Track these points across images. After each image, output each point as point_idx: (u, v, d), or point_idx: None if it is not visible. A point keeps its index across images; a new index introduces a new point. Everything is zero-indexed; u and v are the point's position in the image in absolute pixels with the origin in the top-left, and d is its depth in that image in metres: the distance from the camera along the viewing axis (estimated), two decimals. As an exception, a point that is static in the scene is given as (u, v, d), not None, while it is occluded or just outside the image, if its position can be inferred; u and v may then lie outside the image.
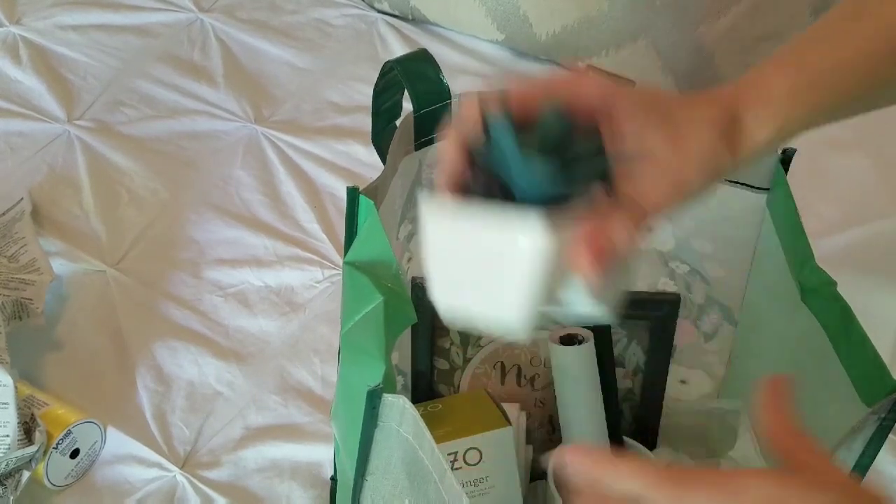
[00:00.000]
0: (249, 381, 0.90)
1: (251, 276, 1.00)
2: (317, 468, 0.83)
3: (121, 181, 1.10)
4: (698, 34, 1.14)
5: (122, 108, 1.19)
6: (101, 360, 0.92)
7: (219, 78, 1.24)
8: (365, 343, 0.51)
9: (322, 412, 0.87)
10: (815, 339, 0.59)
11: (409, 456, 0.50)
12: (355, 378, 0.52)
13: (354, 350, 0.53)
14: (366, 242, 0.55)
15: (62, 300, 0.96)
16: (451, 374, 0.76)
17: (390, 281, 0.53)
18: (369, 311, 0.51)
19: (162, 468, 0.83)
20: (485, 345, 0.75)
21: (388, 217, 0.65)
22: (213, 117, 1.18)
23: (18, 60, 1.25)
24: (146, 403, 0.88)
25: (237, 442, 0.85)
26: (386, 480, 0.53)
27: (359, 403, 0.50)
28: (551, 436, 0.78)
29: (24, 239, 0.99)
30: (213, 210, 1.07)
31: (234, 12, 1.34)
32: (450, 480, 0.48)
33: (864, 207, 1.08)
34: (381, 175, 0.62)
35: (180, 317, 0.96)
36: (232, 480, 0.83)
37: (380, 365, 0.49)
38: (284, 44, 1.29)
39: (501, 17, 1.23)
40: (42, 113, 1.18)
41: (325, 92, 1.22)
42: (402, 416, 0.49)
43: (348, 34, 1.32)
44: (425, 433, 0.48)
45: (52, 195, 1.08)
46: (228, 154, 1.13)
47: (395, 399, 0.49)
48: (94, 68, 1.25)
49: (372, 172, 1.09)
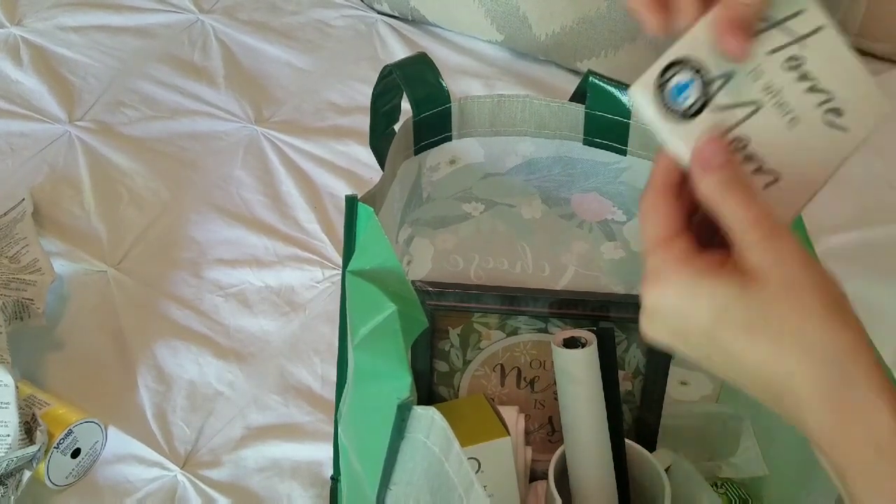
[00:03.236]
0: (250, 381, 0.91)
1: (251, 276, 1.00)
2: (317, 467, 0.84)
3: (121, 181, 1.10)
4: (697, 35, 1.14)
5: (122, 108, 1.20)
6: (101, 359, 0.92)
7: (219, 79, 1.24)
8: (384, 355, 0.51)
9: (322, 412, 0.88)
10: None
11: (434, 469, 0.50)
12: (374, 389, 0.52)
13: (372, 361, 0.53)
14: (368, 250, 0.55)
15: (63, 300, 0.97)
16: (451, 377, 0.77)
17: (398, 287, 0.53)
18: (382, 322, 0.51)
19: (163, 468, 0.84)
20: (484, 347, 0.75)
21: (387, 221, 0.65)
22: (214, 118, 1.19)
23: (19, 61, 1.26)
24: (147, 403, 0.89)
25: (238, 441, 0.86)
26: (409, 492, 0.53)
27: (381, 414, 0.50)
28: (551, 437, 0.79)
29: (26, 239, 0.99)
30: (213, 210, 1.07)
31: (234, 13, 1.35)
32: (476, 494, 0.48)
33: (877, 207, 1.08)
34: (380, 181, 0.62)
35: (181, 317, 0.96)
36: (232, 480, 0.83)
37: (406, 377, 0.49)
38: (284, 44, 1.30)
39: (501, 17, 1.23)
40: (43, 114, 1.19)
41: (325, 92, 1.23)
42: (431, 428, 0.49)
43: (348, 35, 1.32)
44: (453, 444, 0.48)
45: (53, 196, 1.08)
46: (229, 154, 1.14)
47: (425, 411, 0.48)
48: (95, 69, 1.25)
49: (371, 173, 1.10)
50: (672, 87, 0.45)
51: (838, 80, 0.46)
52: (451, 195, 0.73)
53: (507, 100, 0.67)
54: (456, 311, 0.74)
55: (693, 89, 0.45)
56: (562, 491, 0.69)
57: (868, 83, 0.47)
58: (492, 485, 0.68)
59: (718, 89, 0.45)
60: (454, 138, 0.68)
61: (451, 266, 0.78)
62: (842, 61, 0.47)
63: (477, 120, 0.67)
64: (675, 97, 0.45)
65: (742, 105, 0.45)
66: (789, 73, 0.46)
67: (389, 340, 0.50)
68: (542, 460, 0.75)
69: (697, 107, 0.45)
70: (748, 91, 0.45)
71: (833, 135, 0.46)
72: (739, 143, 0.45)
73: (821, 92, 0.46)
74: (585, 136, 0.68)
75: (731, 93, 0.45)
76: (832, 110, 0.46)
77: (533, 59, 1.27)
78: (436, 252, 0.77)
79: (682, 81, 0.45)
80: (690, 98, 0.45)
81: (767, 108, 0.45)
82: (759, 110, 0.45)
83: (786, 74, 0.46)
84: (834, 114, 0.46)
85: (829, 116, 0.46)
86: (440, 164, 0.70)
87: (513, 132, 0.69)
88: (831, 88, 0.46)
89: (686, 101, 0.45)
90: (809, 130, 0.46)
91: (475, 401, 0.74)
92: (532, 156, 0.70)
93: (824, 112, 0.46)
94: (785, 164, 0.45)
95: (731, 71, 0.45)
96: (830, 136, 0.46)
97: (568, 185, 0.73)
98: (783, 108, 0.46)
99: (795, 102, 0.46)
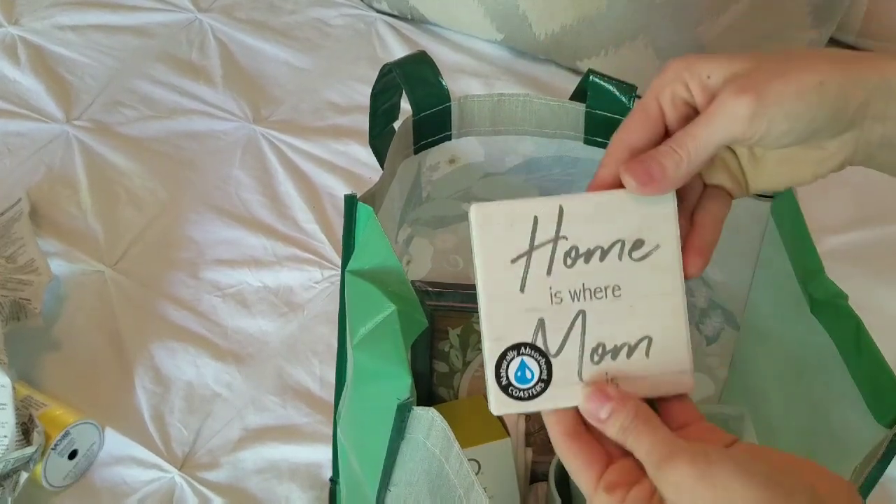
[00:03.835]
0: (248, 382, 0.90)
1: (250, 277, 1.00)
2: (315, 469, 0.83)
3: (119, 181, 1.10)
4: (697, 33, 1.14)
5: (120, 108, 1.19)
6: (99, 360, 0.92)
7: (217, 78, 1.24)
8: (383, 354, 0.50)
9: (321, 413, 0.87)
10: (823, 350, 0.58)
11: (434, 470, 0.50)
12: (374, 389, 0.51)
13: (371, 361, 0.52)
14: (368, 250, 0.55)
15: (60, 300, 0.96)
16: (451, 377, 0.76)
17: (398, 287, 0.53)
18: (382, 321, 0.51)
19: (160, 469, 0.83)
20: (484, 347, 0.75)
21: (386, 221, 0.65)
22: (212, 117, 1.18)
23: (17, 61, 1.25)
24: (144, 404, 0.88)
25: (236, 443, 0.86)
26: (408, 493, 0.53)
27: (381, 415, 0.49)
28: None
29: (23, 239, 0.98)
30: (211, 210, 1.07)
31: (232, 12, 1.34)
32: (476, 495, 0.47)
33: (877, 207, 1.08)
34: (380, 180, 0.62)
35: (179, 317, 0.96)
36: (231, 481, 0.83)
37: (405, 377, 0.48)
38: (283, 44, 1.29)
39: (500, 16, 1.23)
40: (40, 113, 1.18)
41: (323, 92, 1.22)
42: (431, 429, 0.49)
43: (347, 34, 1.32)
44: (453, 445, 0.48)
45: (51, 195, 1.08)
46: (227, 154, 1.13)
47: (425, 412, 0.48)
48: (93, 68, 1.25)
49: (370, 172, 1.10)
50: (513, 376, 0.46)
51: (614, 226, 0.46)
52: (450, 194, 0.73)
53: (507, 99, 0.66)
54: (456, 311, 0.74)
55: (529, 365, 0.46)
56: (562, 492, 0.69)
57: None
58: (492, 486, 0.68)
59: (544, 340, 0.46)
60: (454, 137, 0.68)
61: (450, 266, 0.77)
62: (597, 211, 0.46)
63: (477, 119, 0.67)
64: (521, 381, 0.46)
65: (569, 326, 0.46)
66: (572, 268, 0.46)
67: (389, 340, 0.50)
68: (543, 462, 0.75)
69: (545, 372, 0.46)
70: (564, 315, 0.46)
71: (651, 261, 0.46)
72: (599, 349, 0.46)
73: (612, 244, 0.46)
74: (586, 135, 0.67)
75: (553, 329, 0.46)
76: (633, 246, 0.46)
77: (533, 59, 1.27)
78: (435, 252, 0.77)
79: (516, 366, 0.46)
80: (534, 372, 0.46)
81: (589, 303, 0.46)
82: (585, 313, 0.46)
83: (571, 270, 0.46)
84: (636, 247, 0.46)
85: (635, 252, 0.46)
86: (440, 163, 0.69)
87: (513, 131, 0.68)
88: (616, 238, 0.46)
89: (532, 378, 0.46)
90: (632, 279, 0.46)
91: (475, 401, 0.73)
92: (532, 155, 0.70)
93: (628, 254, 0.46)
94: (646, 325, 0.46)
95: (540, 319, 0.46)
96: (651, 266, 0.46)
97: (568, 184, 0.72)
98: (599, 293, 0.46)
99: (602, 277, 0.46)
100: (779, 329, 0.67)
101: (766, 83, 0.43)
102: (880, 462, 0.53)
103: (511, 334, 0.45)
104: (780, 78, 0.43)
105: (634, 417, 0.43)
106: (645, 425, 0.42)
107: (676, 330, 0.46)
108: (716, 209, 0.49)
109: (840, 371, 0.56)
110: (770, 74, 0.43)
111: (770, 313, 0.70)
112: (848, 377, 0.56)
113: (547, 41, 1.21)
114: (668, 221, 0.46)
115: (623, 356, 0.46)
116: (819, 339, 0.59)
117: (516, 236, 0.45)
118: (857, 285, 0.61)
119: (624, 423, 0.43)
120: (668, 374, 0.46)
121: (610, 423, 0.43)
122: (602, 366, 0.46)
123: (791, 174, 0.47)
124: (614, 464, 0.43)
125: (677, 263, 0.46)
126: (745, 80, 0.43)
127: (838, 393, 0.56)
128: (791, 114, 0.43)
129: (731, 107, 0.43)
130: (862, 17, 1.26)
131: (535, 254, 0.45)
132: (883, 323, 0.62)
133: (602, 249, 0.46)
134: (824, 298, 0.60)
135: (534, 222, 0.45)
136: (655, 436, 0.42)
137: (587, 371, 0.46)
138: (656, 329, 0.46)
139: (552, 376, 0.45)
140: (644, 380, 0.46)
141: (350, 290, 0.56)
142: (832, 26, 1.21)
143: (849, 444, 0.55)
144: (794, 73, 0.43)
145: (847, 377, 0.56)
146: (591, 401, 0.44)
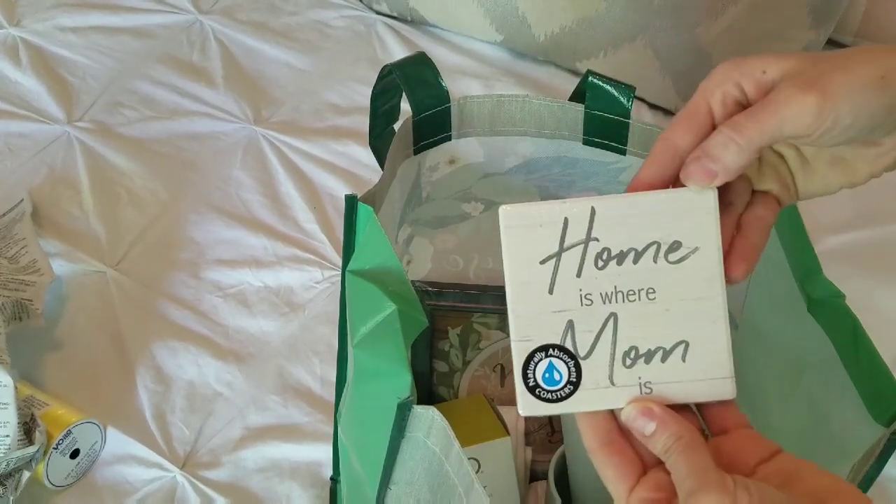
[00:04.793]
0: (249, 382, 0.90)
1: (250, 277, 1.00)
2: (316, 468, 0.84)
3: (120, 182, 1.10)
4: (696, 34, 1.15)
5: (121, 109, 1.20)
6: (100, 360, 0.92)
7: (218, 79, 1.24)
8: (383, 354, 0.50)
9: (321, 412, 0.88)
10: (821, 350, 0.58)
11: (434, 468, 0.50)
12: (374, 388, 0.52)
13: (372, 360, 0.53)
14: (368, 249, 0.55)
15: (62, 301, 0.97)
16: (451, 377, 0.77)
17: (398, 287, 0.53)
18: (382, 321, 0.51)
19: (162, 468, 0.84)
20: (484, 347, 0.75)
21: (386, 222, 0.65)
22: (213, 118, 1.19)
23: (18, 62, 1.25)
24: (146, 404, 0.88)
25: (237, 442, 0.86)
26: (409, 491, 0.53)
27: (381, 413, 0.50)
28: (551, 437, 0.79)
29: (25, 240, 0.99)
30: (212, 211, 1.07)
31: (233, 14, 1.35)
32: (476, 494, 0.48)
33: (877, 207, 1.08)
34: (380, 181, 0.62)
35: (180, 317, 0.96)
36: (232, 480, 0.83)
37: (406, 376, 0.48)
38: (283, 45, 1.29)
39: (500, 18, 1.23)
40: (42, 114, 1.18)
41: (324, 93, 1.22)
42: (431, 428, 0.49)
43: (347, 35, 1.32)
44: (453, 444, 0.48)
45: (52, 196, 1.08)
46: (228, 155, 1.14)
47: (425, 410, 0.48)
48: (94, 70, 1.25)
49: (371, 173, 1.10)
50: (541, 378, 0.45)
51: (649, 228, 0.45)
52: (450, 195, 0.73)
53: (507, 100, 0.67)
54: (455, 311, 0.74)
55: (557, 367, 0.45)
56: (562, 491, 0.69)
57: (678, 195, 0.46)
58: (492, 485, 0.68)
59: (574, 342, 0.45)
60: (454, 138, 0.68)
61: (450, 266, 0.77)
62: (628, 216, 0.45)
63: (476, 120, 0.67)
64: (549, 383, 0.45)
65: (600, 328, 0.45)
66: (603, 270, 0.45)
67: (389, 340, 0.50)
68: (542, 460, 0.75)
69: (574, 375, 0.45)
70: (595, 317, 0.45)
71: (688, 264, 0.45)
72: (632, 353, 0.45)
73: (646, 246, 0.45)
74: (585, 135, 0.68)
75: (583, 331, 0.45)
76: (669, 248, 0.45)
77: (532, 60, 1.27)
78: (435, 252, 0.77)
79: (544, 367, 0.45)
80: (562, 374, 0.45)
81: (621, 306, 0.45)
82: (617, 316, 0.45)
83: (602, 272, 0.45)
84: (672, 249, 0.45)
85: (671, 255, 0.45)
86: (440, 163, 0.69)
87: (512, 132, 0.68)
88: (650, 240, 0.45)
89: (560, 380, 0.45)
90: (667, 282, 0.45)
91: (475, 401, 0.74)
92: (531, 156, 0.70)
93: (663, 256, 0.45)
94: (682, 329, 0.45)
95: (569, 320, 0.45)
96: (688, 268, 0.45)
97: (567, 184, 0.72)
98: (632, 295, 0.45)
99: (635, 279, 0.45)
100: (776, 328, 0.68)
101: (830, 76, 0.42)
102: (877, 461, 0.53)
103: (539, 335, 0.45)
104: (843, 71, 0.42)
105: (677, 440, 0.42)
106: (685, 451, 0.42)
107: (716, 335, 0.45)
108: (764, 214, 0.48)
109: (838, 370, 0.57)
110: (831, 68, 0.42)
111: (768, 313, 0.70)
112: (846, 376, 0.56)
113: (546, 42, 1.22)
114: (708, 223, 0.45)
115: (657, 360, 0.45)
116: (817, 338, 0.59)
117: (545, 238, 0.45)
118: (854, 285, 0.61)
119: (666, 444, 0.42)
120: (707, 379, 0.45)
121: (653, 441, 0.43)
122: (635, 370, 0.45)
123: (844, 175, 0.47)
124: (647, 474, 0.43)
125: (718, 267, 0.45)
126: (807, 76, 0.43)
127: (836, 392, 0.57)
128: (854, 107, 0.42)
129: (798, 99, 0.42)
130: (860, 17, 1.26)
131: (565, 255, 0.45)
132: (880, 322, 0.63)
133: (636, 251, 0.45)
134: (822, 298, 0.60)
135: (564, 224, 0.45)
136: (691, 465, 0.41)
137: (619, 375, 0.45)
138: (694, 333, 0.45)
139: (581, 379, 0.45)
140: (680, 385, 0.45)
141: (350, 290, 0.56)
142: (830, 27, 1.21)
143: (846, 443, 0.56)
144: (856, 66, 0.42)
145: (845, 376, 0.56)
146: (637, 419, 0.43)
